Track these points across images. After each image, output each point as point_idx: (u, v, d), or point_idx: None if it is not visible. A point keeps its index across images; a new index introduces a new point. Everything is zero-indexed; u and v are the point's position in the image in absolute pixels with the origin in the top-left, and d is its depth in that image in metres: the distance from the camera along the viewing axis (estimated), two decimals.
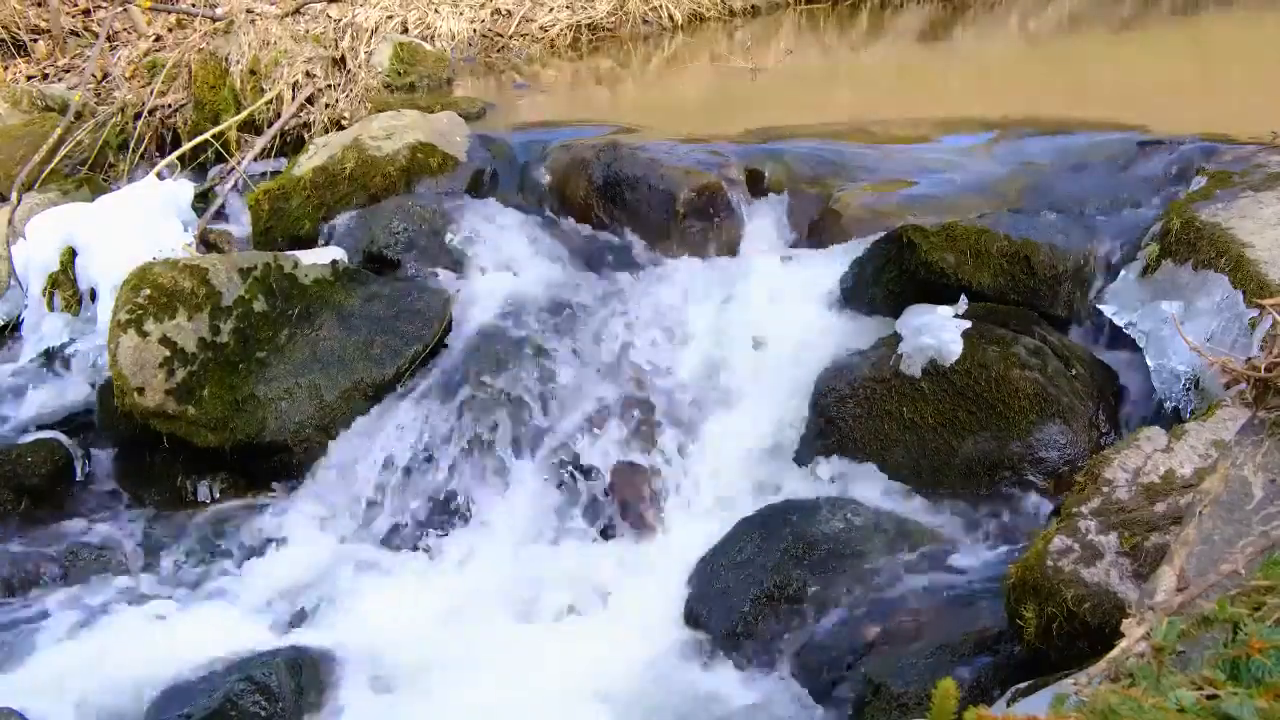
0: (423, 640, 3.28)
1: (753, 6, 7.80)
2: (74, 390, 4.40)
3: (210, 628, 3.35)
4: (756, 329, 3.84)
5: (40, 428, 4.22)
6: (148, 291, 3.85)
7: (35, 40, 6.98)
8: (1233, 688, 1.31)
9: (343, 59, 5.42)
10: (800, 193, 4.15)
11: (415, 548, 3.64)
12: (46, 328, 4.62)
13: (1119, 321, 3.40)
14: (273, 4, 6.13)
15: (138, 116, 5.59)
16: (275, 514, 3.82)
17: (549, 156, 4.56)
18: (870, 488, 3.37)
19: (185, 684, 3.04)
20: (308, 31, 5.75)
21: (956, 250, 3.54)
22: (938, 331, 3.41)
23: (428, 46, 6.27)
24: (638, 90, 6.31)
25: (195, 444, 3.83)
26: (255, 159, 5.11)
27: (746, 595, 3.11)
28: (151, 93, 5.68)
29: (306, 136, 5.18)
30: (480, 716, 2.99)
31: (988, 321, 3.44)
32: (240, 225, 4.94)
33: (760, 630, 3.05)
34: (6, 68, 6.70)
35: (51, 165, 5.39)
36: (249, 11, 5.62)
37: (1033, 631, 2.36)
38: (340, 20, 6.07)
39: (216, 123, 5.32)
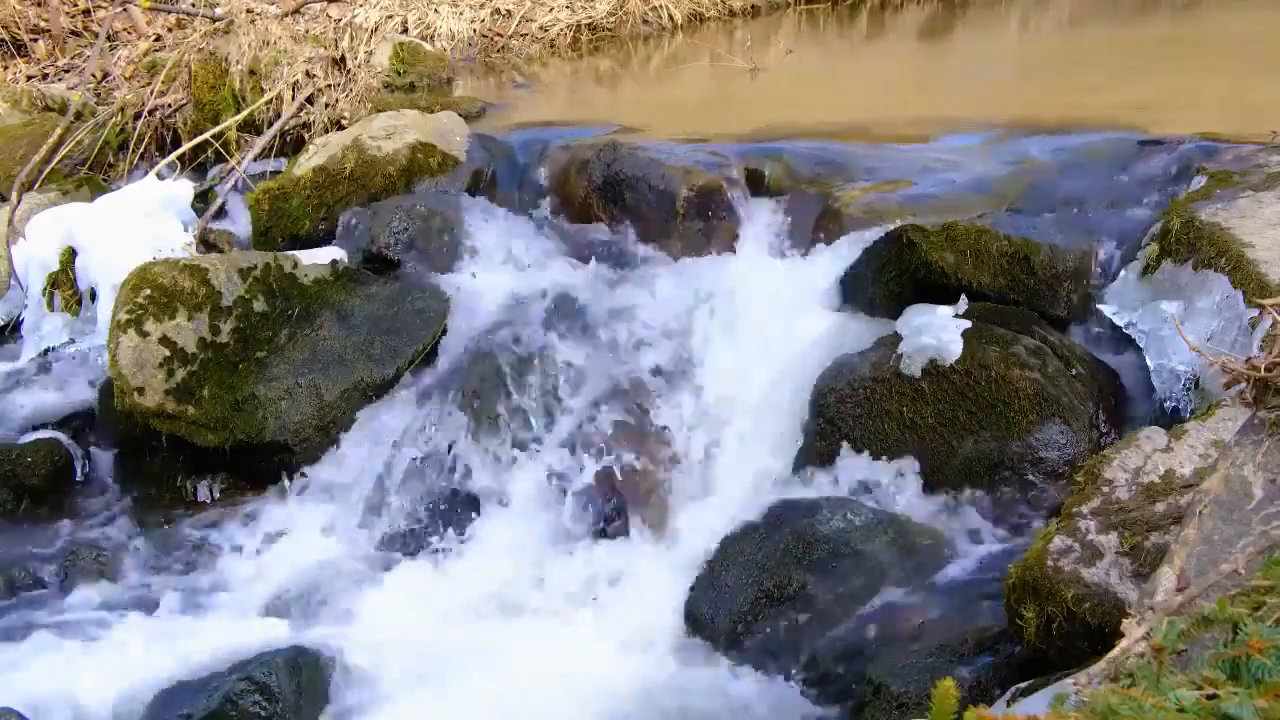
0: (423, 640, 3.29)
1: (753, 6, 7.79)
2: (74, 390, 4.39)
3: (210, 628, 3.36)
4: (756, 329, 3.84)
5: (40, 428, 4.22)
6: (148, 291, 3.86)
7: (35, 40, 6.98)
8: (1233, 688, 1.31)
9: (343, 59, 5.42)
10: (800, 192, 4.15)
11: (415, 547, 3.64)
12: (46, 328, 4.62)
13: (1119, 321, 3.40)
14: (273, 4, 6.12)
15: (137, 116, 5.59)
16: (275, 514, 3.82)
17: (549, 156, 4.56)
18: (870, 488, 3.37)
19: (185, 684, 3.05)
20: (308, 31, 5.76)
21: (956, 250, 3.54)
22: (938, 331, 3.41)
23: (428, 46, 6.27)
24: (638, 90, 6.31)
25: (195, 444, 3.83)
26: (255, 159, 5.11)
27: (746, 595, 3.11)
28: (151, 93, 5.67)
29: (306, 136, 5.17)
30: (479, 716, 3.00)
31: (988, 321, 3.44)
32: (240, 225, 4.93)
33: (760, 630, 3.05)
34: (6, 68, 6.69)
35: (51, 165, 5.39)
36: (249, 11, 5.62)
37: (1033, 631, 2.35)
38: (340, 20, 6.07)
39: (216, 123, 5.32)
